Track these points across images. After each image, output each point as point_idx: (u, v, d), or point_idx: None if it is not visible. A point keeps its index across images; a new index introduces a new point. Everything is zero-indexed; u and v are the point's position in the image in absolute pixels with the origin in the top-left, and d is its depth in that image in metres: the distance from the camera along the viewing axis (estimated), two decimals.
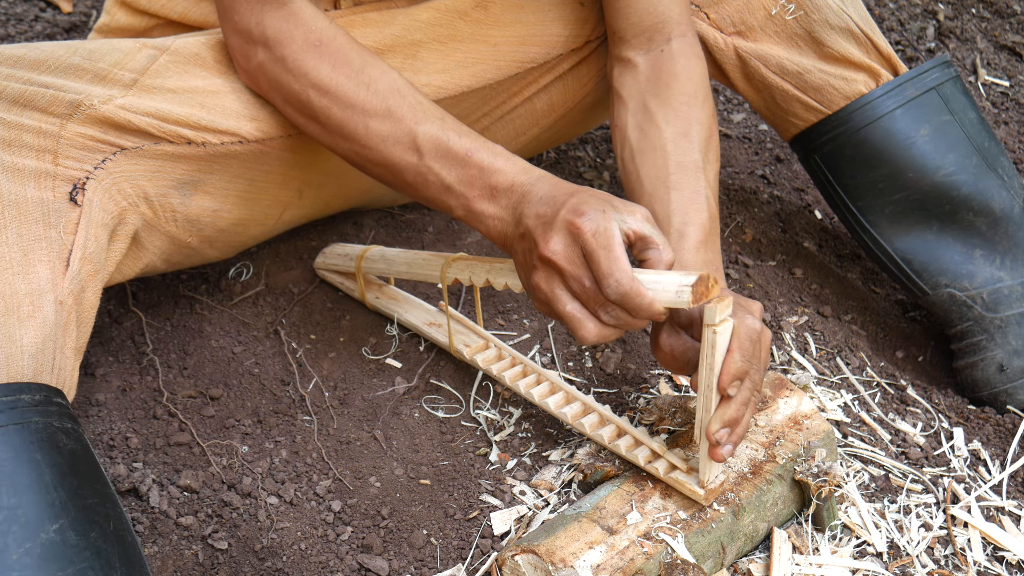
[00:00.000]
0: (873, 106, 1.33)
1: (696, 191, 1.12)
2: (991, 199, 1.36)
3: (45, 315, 0.90)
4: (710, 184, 1.14)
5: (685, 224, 1.10)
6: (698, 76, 1.20)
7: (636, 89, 1.21)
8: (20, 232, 0.92)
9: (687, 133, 1.16)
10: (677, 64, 1.20)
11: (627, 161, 1.19)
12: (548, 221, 0.94)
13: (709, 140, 1.18)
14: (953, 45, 2.12)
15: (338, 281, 1.36)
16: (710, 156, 1.17)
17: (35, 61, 1.01)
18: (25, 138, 0.95)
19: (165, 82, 1.06)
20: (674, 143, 1.15)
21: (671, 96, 1.18)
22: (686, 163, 1.14)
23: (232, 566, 1.04)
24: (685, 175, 1.13)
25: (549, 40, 1.30)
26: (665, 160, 1.14)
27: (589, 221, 0.91)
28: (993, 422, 1.33)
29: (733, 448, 0.98)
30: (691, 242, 1.09)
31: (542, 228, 0.94)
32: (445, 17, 1.24)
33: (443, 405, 1.23)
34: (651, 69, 1.21)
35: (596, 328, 0.95)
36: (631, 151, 1.18)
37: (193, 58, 1.09)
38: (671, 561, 0.98)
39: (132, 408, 1.20)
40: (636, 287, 0.90)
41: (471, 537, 1.08)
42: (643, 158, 1.17)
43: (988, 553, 1.14)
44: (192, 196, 1.10)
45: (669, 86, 1.19)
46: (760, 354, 0.98)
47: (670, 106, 1.18)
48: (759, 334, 0.98)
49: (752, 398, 0.99)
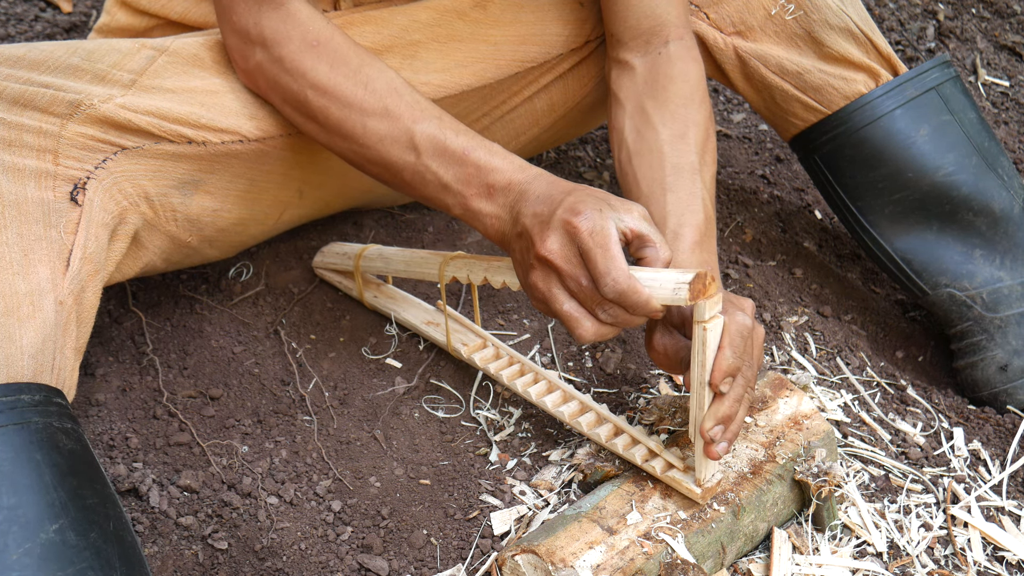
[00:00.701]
0: (873, 106, 1.33)
1: (692, 193, 1.12)
2: (991, 199, 1.36)
3: (45, 315, 0.90)
4: (706, 186, 1.15)
5: (680, 225, 1.10)
6: (695, 79, 1.21)
7: (633, 92, 1.21)
8: (20, 232, 0.91)
9: (684, 135, 1.16)
10: (674, 67, 1.20)
11: (624, 163, 1.20)
12: (545, 220, 0.94)
13: (706, 143, 1.18)
14: (953, 45, 2.12)
15: (336, 280, 1.36)
16: (707, 158, 1.17)
17: (35, 61, 1.01)
18: (25, 138, 0.95)
19: (164, 82, 1.06)
20: (670, 145, 1.16)
21: (668, 99, 1.19)
22: (682, 165, 1.14)
23: (232, 566, 1.04)
24: (681, 177, 1.13)
25: (549, 40, 1.30)
26: (661, 162, 1.15)
27: (586, 220, 0.91)
28: (993, 422, 1.33)
29: (728, 445, 0.98)
30: (686, 243, 1.09)
31: (539, 227, 0.95)
32: (444, 17, 1.24)
33: (443, 405, 1.23)
34: (648, 72, 1.21)
35: (593, 326, 0.95)
36: (628, 153, 1.19)
37: (192, 59, 1.10)
38: (671, 561, 0.98)
39: (132, 408, 1.20)
40: (633, 285, 0.91)
41: (471, 537, 1.08)
42: (640, 160, 1.17)
43: (988, 553, 1.14)
44: (193, 196, 1.11)
45: (666, 89, 1.19)
46: (752, 350, 0.99)
47: (667, 109, 1.18)
48: (750, 330, 0.98)
49: (746, 394, 0.99)
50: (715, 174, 1.21)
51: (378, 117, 1.05)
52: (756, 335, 1.00)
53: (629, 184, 1.18)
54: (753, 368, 0.99)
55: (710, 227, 1.12)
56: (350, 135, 1.06)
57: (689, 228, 1.10)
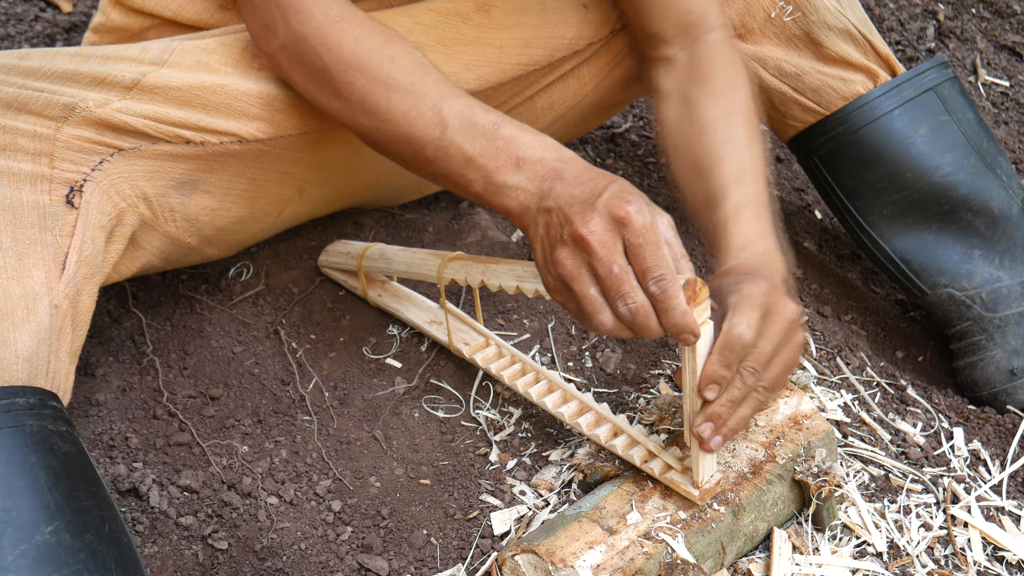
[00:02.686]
0: (871, 107, 1.33)
1: (744, 165, 1.10)
2: (989, 199, 1.36)
3: (40, 319, 0.90)
4: (757, 161, 1.12)
5: (734, 197, 1.07)
6: (738, 63, 1.20)
7: (677, 82, 1.20)
8: (15, 236, 0.92)
9: (730, 114, 1.15)
10: (715, 53, 1.19)
11: (672, 151, 1.18)
12: (587, 202, 0.92)
13: (753, 122, 1.16)
14: (953, 45, 2.12)
15: (341, 279, 1.36)
16: (755, 135, 1.15)
17: (30, 69, 1.01)
18: (20, 142, 0.95)
19: (162, 86, 1.06)
20: (718, 123, 1.14)
21: (713, 82, 1.17)
22: (733, 139, 1.12)
23: (232, 566, 1.04)
24: (734, 149, 1.11)
25: (553, 43, 1.30)
26: (712, 139, 1.13)
27: (639, 214, 0.90)
28: (993, 422, 1.33)
29: (723, 440, 0.97)
30: (744, 215, 1.06)
31: (579, 207, 0.92)
32: (447, 20, 1.24)
33: (443, 405, 1.23)
34: (690, 62, 1.20)
35: (611, 319, 0.93)
36: (675, 140, 1.17)
37: (194, 64, 1.09)
38: (671, 561, 0.98)
39: (132, 408, 1.20)
40: (678, 290, 0.90)
41: (471, 537, 1.08)
42: (689, 141, 1.15)
43: (988, 553, 1.14)
44: (191, 195, 1.10)
45: (710, 74, 1.18)
46: (750, 363, 0.96)
47: (713, 91, 1.17)
48: (745, 346, 0.95)
49: (753, 395, 0.97)
50: (765, 152, 1.17)
51: (404, 92, 1.03)
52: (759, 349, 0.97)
53: (681, 169, 1.16)
54: (752, 376, 0.96)
55: (766, 198, 1.10)
56: (373, 110, 1.04)
57: (745, 200, 1.08)
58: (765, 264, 1.04)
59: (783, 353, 0.98)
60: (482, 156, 1.00)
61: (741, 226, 1.06)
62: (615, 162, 1.72)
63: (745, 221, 1.06)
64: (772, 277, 1.01)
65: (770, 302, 0.97)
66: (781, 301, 0.98)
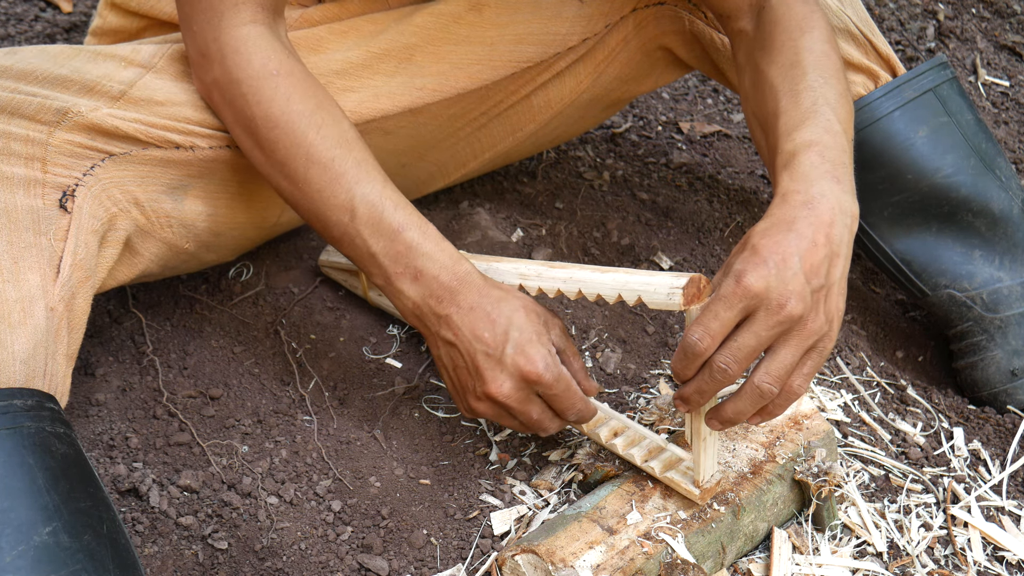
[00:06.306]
0: (872, 108, 1.33)
1: (802, 113, 1.03)
2: (990, 200, 1.36)
3: (36, 321, 0.91)
4: (828, 101, 1.04)
5: (781, 150, 1.01)
6: (801, 13, 1.13)
7: (748, 52, 1.16)
8: (10, 240, 0.92)
9: (795, 63, 1.08)
10: (776, 12, 1.14)
11: (750, 122, 1.15)
12: (494, 357, 1.00)
13: (825, 62, 1.09)
14: (953, 45, 2.12)
15: (341, 279, 1.36)
16: (827, 75, 1.07)
17: (21, 72, 1.02)
18: (13, 146, 0.96)
19: (153, 94, 1.06)
20: (780, 77, 1.08)
21: (774, 38, 1.12)
22: (796, 89, 1.05)
23: (232, 566, 1.04)
24: (796, 99, 1.04)
25: (546, 38, 1.30)
26: (775, 95, 1.07)
27: (547, 371, 1.00)
28: (993, 422, 1.33)
29: (720, 424, 0.97)
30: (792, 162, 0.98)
31: (488, 363, 1.00)
32: (439, 21, 1.24)
33: (443, 405, 1.23)
34: (756, 28, 1.16)
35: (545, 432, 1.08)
36: (750, 110, 1.14)
37: (180, 74, 1.10)
38: (671, 561, 0.98)
39: (132, 408, 1.20)
40: (589, 406, 1.05)
41: (471, 537, 1.08)
42: (758, 109, 1.11)
43: (988, 553, 1.14)
44: (184, 200, 1.11)
45: (772, 32, 1.13)
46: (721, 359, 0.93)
47: (774, 47, 1.11)
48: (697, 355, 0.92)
49: (745, 391, 0.94)
50: (845, 92, 1.09)
51: (322, 167, 1.03)
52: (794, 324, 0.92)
53: (756, 139, 1.13)
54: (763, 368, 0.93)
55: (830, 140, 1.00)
56: (291, 176, 1.04)
57: (797, 146, 1.00)
58: (797, 218, 0.93)
59: (783, 350, 0.93)
60: (384, 256, 1.03)
61: (791, 172, 0.98)
62: (615, 162, 1.72)
63: (795, 168, 0.98)
64: (786, 247, 0.91)
65: (763, 290, 0.89)
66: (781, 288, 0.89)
